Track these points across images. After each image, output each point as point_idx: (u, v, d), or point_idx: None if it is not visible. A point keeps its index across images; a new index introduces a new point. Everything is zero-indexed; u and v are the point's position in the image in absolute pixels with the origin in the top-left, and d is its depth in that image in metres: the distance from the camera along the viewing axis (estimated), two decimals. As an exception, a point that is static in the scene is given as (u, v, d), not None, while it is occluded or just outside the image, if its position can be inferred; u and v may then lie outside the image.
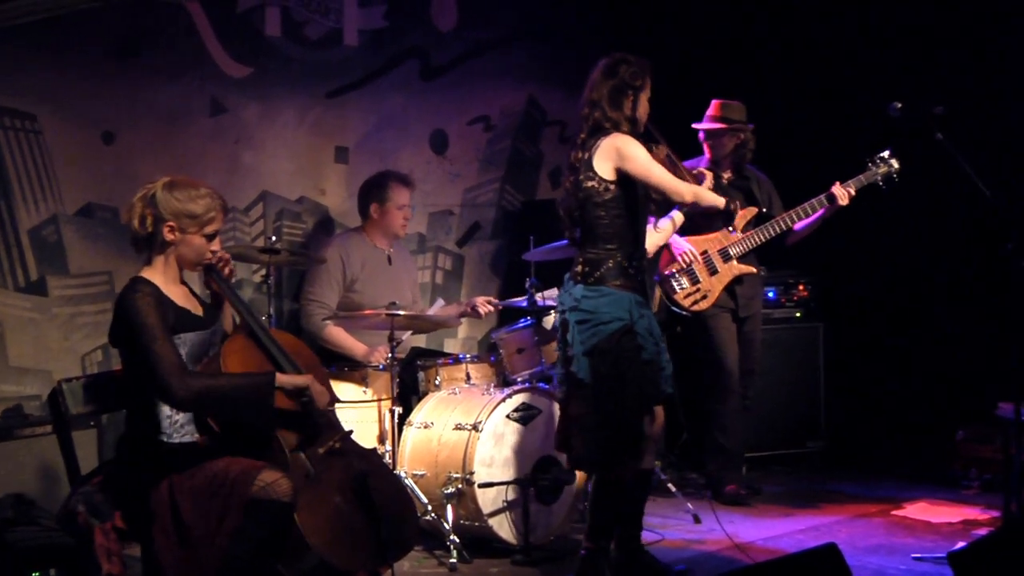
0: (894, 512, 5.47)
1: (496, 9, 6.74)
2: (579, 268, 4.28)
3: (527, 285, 5.29)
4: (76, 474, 3.67)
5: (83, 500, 3.55)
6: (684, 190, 4.27)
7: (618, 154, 4.19)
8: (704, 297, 5.61)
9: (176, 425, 3.61)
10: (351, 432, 3.93)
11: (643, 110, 4.32)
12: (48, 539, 3.66)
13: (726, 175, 5.78)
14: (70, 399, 3.69)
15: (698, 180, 4.49)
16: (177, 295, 3.65)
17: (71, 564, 3.51)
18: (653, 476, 4.67)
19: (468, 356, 5.46)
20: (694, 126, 5.77)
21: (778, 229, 5.63)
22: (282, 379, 3.61)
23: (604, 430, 4.15)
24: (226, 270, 3.80)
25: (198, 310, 3.73)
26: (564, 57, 6.84)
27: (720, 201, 4.41)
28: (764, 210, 5.72)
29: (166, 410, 3.59)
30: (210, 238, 3.66)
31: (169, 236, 3.60)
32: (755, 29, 6.94)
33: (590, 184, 4.23)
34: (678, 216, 4.74)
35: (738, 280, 5.71)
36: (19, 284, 5.14)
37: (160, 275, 3.62)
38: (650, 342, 4.19)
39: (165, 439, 3.59)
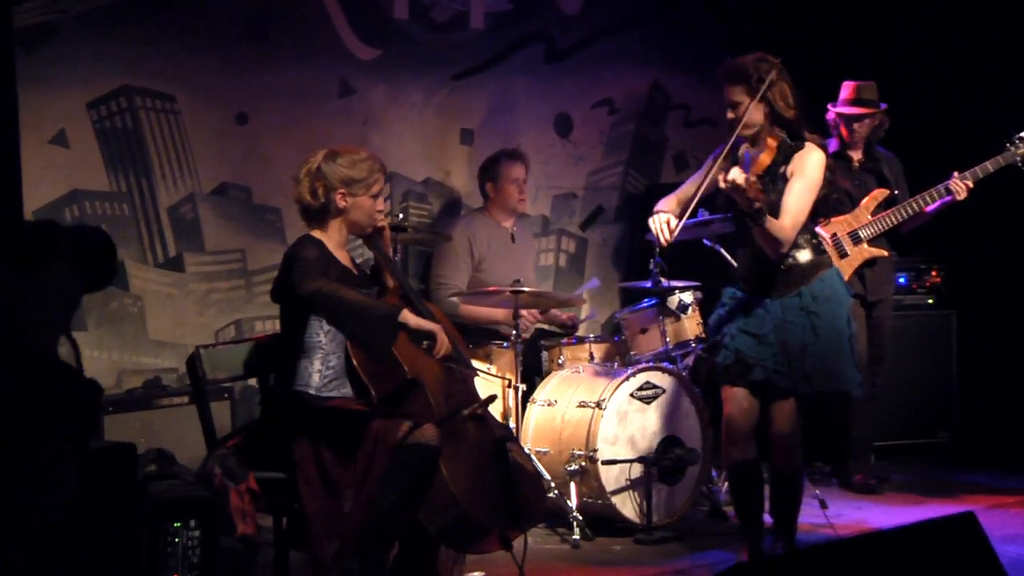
0: (1032, 503, 5.30)
1: (622, -7, 6.72)
2: None
3: (651, 265, 5.26)
4: (212, 437, 3.78)
5: (219, 463, 3.66)
6: None
7: None
8: (834, 281, 5.47)
9: (326, 380, 3.74)
10: (494, 398, 4.03)
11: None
12: (189, 492, 3.80)
13: (857, 157, 5.67)
14: (207, 364, 3.81)
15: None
16: (343, 258, 3.84)
17: (211, 517, 3.64)
18: (756, 471, 4.24)
19: (592, 336, 5.46)
20: (832, 109, 5.63)
21: (909, 212, 5.46)
22: (408, 316, 3.67)
23: None
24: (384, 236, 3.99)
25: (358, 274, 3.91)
26: (689, 41, 6.77)
27: None
28: (895, 192, 5.58)
29: (317, 364, 3.72)
30: (376, 198, 3.84)
31: (341, 203, 3.77)
32: (884, 8, 6.76)
33: None
34: None
35: (869, 263, 5.56)
36: (159, 260, 5.31)
37: (331, 239, 3.81)
38: (729, 325, 4.14)
39: (314, 393, 3.71)
